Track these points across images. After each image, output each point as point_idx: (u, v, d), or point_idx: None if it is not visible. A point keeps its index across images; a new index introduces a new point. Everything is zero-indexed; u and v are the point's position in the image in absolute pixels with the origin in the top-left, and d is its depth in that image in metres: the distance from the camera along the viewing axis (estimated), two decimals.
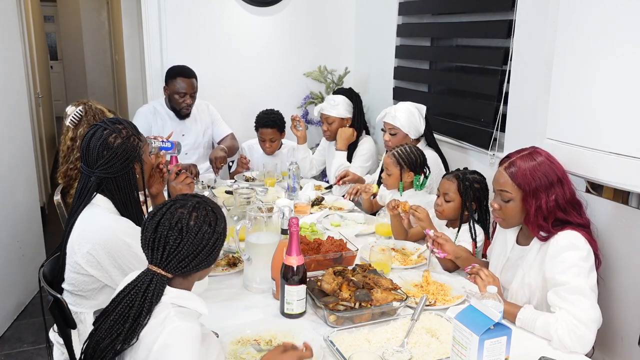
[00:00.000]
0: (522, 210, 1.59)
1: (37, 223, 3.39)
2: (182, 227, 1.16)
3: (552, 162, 1.58)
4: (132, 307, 1.12)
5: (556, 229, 1.55)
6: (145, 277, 1.16)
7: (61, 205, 2.28)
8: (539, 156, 1.59)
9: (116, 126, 1.66)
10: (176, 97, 3.11)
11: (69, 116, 2.27)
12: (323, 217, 2.46)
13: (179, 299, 1.17)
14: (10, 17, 3.15)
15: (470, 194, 2.02)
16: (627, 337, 1.76)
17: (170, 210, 1.18)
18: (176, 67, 3.17)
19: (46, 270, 1.68)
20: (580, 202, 1.59)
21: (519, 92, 2.27)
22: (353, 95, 3.16)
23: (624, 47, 1.50)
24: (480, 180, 2.06)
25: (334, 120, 3.07)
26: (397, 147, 2.43)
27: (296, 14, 3.70)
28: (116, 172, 1.63)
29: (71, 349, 1.53)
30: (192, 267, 1.17)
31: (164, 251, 1.16)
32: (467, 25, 2.73)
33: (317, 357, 1.35)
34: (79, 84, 8.16)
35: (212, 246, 1.20)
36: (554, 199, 1.54)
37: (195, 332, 1.12)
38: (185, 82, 3.10)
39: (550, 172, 1.56)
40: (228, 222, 2.11)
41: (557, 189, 1.55)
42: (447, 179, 2.08)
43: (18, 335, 2.93)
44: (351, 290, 1.60)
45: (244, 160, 3.25)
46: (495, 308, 1.21)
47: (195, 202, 1.21)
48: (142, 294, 1.13)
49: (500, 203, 1.63)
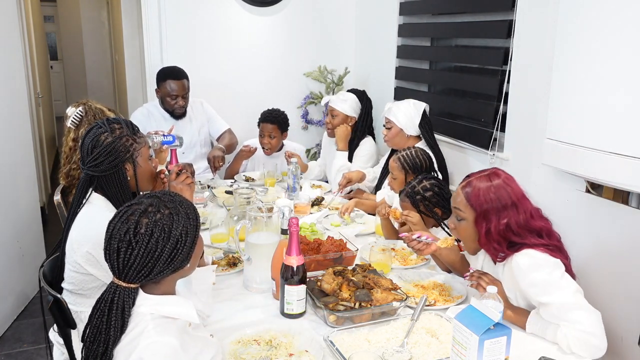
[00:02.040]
0: (475, 231, 1.55)
1: (37, 223, 3.39)
2: (130, 238, 1.09)
3: (508, 185, 1.51)
4: (102, 322, 1.09)
5: (511, 250, 1.49)
6: (109, 290, 1.11)
7: (61, 205, 2.28)
8: (496, 178, 1.53)
9: (112, 125, 1.66)
10: (168, 99, 3.08)
11: (69, 117, 2.28)
12: (323, 217, 2.46)
13: (160, 306, 1.13)
14: (10, 17, 3.14)
15: (427, 204, 2.00)
16: (627, 337, 1.76)
17: (122, 218, 1.12)
18: (166, 69, 3.12)
19: (46, 270, 1.68)
20: (540, 228, 1.51)
21: (519, 92, 2.27)
22: (364, 98, 3.15)
23: (624, 47, 1.50)
24: (431, 186, 2.02)
25: (338, 114, 3.06)
26: (403, 150, 2.37)
27: (296, 14, 3.70)
28: (105, 170, 1.63)
29: (71, 349, 1.53)
30: (155, 274, 1.11)
31: (118, 263, 1.10)
32: (467, 25, 2.73)
33: (317, 357, 1.35)
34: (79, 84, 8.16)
35: (173, 250, 1.12)
36: (506, 222, 1.48)
37: (172, 347, 1.08)
38: (176, 84, 3.06)
39: (504, 195, 1.50)
40: (228, 222, 2.14)
41: (510, 212, 1.49)
42: (402, 200, 2.06)
43: (18, 335, 2.93)
44: (351, 290, 1.60)
45: (245, 148, 3.20)
46: (495, 308, 1.20)
47: (146, 206, 1.13)
48: (108, 310, 1.09)
49: (455, 222, 1.60)
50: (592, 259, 1.89)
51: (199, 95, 3.33)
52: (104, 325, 1.09)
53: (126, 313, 1.10)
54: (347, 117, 3.07)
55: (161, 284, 1.17)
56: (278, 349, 1.40)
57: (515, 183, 1.54)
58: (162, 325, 1.11)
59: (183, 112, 3.17)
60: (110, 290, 1.11)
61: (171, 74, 3.08)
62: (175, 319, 1.16)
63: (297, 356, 1.37)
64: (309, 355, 1.36)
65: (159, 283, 1.16)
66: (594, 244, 1.86)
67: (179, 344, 1.10)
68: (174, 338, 1.09)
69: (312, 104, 3.78)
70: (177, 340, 1.10)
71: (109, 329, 1.09)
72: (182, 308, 1.17)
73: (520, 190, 1.53)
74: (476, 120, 2.60)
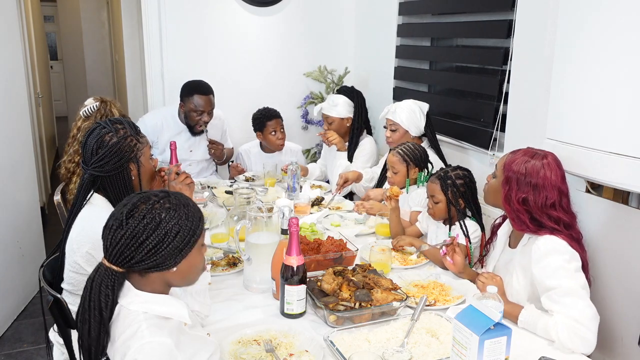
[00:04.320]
0: (500, 191, 1.64)
1: (37, 223, 3.39)
2: (123, 219, 1.10)
3: (544, 169, 1.58)
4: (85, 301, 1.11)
5: (535, 226, 1.57)
6: (95, 269, 1.13)
7: (61, 205, 2.28)
8: (539, 159, 1.60)
9: (115, 126, 1.66)
10: (193, 114, 2.99)
11: (85, 106, 2.30)
12: (323, 217, 2.46)
13: (152, 305, 1.13)
14: (10, 17, 3.14)
15: (455, 192, 2.02)
16: (627, 337, 1.76)
17: (126, 200, 1.15)
18: (193, 83, 3.04)
19: (46, 270, 1.68)
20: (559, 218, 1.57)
21: (519, 92, 2.27)
22: (354, 94, 3.15)
23: (624, 47, 1.50)
24: (463, 175, 2.05)
25: (333, 120, 3.07)
26: (399, 145, 2.43)
27: (296, 14, 3.70)
28: (109, 170, 1.63)
29: (71, 349, 1.52)
30: (137, 262, 1.10)
31: (107, 241, 1.12)
32: (467, 25, 2.73)
33: (317, 357, 1.35)
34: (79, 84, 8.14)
35: (158, 242, 1.10)
36: (524, 197, 1.57)
37: (166, 347, 1.08)
38: (202, 100, 2.96)
39: (533, 174, 1.58)
40: (228, 222, 2.14)
41: (531, 190, 1.57)
42: (431, 181, 2.09)
43: (18, 335, 2.93)
44: (351, 290, 1.60)
45: (238, 168, 3.18)
46: (495, 308, 1.20)
47: (151, 196, 1.14)
48: (90, 288, 1.11)
49: (490, 177, 1.75)
50: (592, 259, 1.89)
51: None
52: (87, 304, 1.11)
53: (103, 294, 1.10)
54: (343, 119, 3.07)
55: (148, 279, 1.15)
56: (278, 349, 1.40)
57: (555, 173, 1.59)
58: (156, 325, 1.11)
59: (203, 130, 3.08)
60: (95, 269, 1.13)
61: (198, 88, 2.98)
62: (169, 318, 1.16)
63: (297, 356, 1.37)
64: (309, 355, 1.36)
65: (145, 278, 1.15)
66: (594, 244, 1.86)
67: (173, 343, 1.10)
68: (167, 338, 1.09)
69: (312, 104, 3.77)
70: (171, 339, 1.10)
71: (90, 308, 1.10)
72: (173, 308, 1.17)
73: (554, 180, 1.58)
74: (476, 120, 2.60)
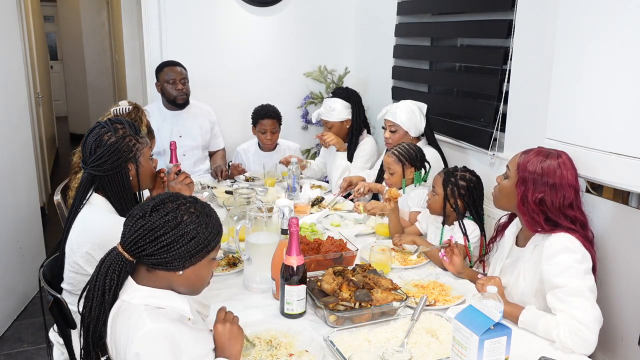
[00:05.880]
0: (514, 192, 1.62)
1: (37, 223, 3.39)
2: (147, 210, 1.15)
3: (560, 168, 1.56)
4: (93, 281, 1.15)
5: (549, 226, 1.56)
6: (108, 252, 1.17)
7: (61, 205, 2.28)
8: (554, 159, 1.58)
9: (115, 125, 1.66)
10: (167, 86, 3.15)
11: (118, 106, 2.25)
12: (323, 217, 2.46)
13: (153, 298, 1.16)
14: (10, 17, 3.14)
15: (454, 190, 2.02)
16: (627, 337, 1.76)
17: (157, 197, 1.19)
18: (162, 62, 3.24)
19: (46, 270, 1.68)
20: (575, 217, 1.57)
21: (519, 92, 2.27)
22: (350, 95, 3.13)
23: (623, 46, 1.50)
24: (469, 179, 2.05)
25: (333, 124, 3.07)
26: (395, 146, 2.45)
27: (296, 14, 3.70)
28: (107, 170, 1.63)
29: (71, 349, 1.53)
30: (147, 255, 1.13)
31: (127, 227, 1.16)
32: (467, 25, 2.72)
33: (317, 357, 1.35)
34: (79, 84, 8.13)
35: (172, 241, 1.13)
36: (541, 197, 1.55)
37: (167, 332, 1.10)
38: (172, 70, 3.15)
39: (550, 174, 1.56)
40: (228, 222, 2.14)
41: (548, 189, 1.55)
42: (439, 173, 2.12)
43: (18, 335, 2.93)
44: (351, 290, 1.60)
45: (239, 168, 3.18)
46: (495, 308, 1.20)
47: (180, 197, 1.19)
48: (99, 267, 1.15)
49: (500, 178, 1.70)
50: None
51: (199, 95, 3.34)
52: (94, 282, 1.15)
53: (109, 277, 1.14)
54: (342, 122, 3.07)
55: (153, 276, 1.18)
56: (278, 349, 1.40)
57: (571, 172, 1.58)
58: (157, 313, 1.13)
59: (185, 100, 3.20)
60: (109, 252, 1.17)
61: (167, 62, 3.20)
62: (170, 311, 1.17)
63: (297, 356, 1.37)
64: (309, 355, 1.36)
65: (151, 274, 1.17)
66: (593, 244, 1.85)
67: (175, 329, 1.12)
68: (168, 324, 1.12)
69: (312, 104, 3.77)
70: (172, 326, 1.12)
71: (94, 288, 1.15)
72: (175, 302, 1.19)
73: (570, 179, 1.57)
74: (476, 120, 2.60)
